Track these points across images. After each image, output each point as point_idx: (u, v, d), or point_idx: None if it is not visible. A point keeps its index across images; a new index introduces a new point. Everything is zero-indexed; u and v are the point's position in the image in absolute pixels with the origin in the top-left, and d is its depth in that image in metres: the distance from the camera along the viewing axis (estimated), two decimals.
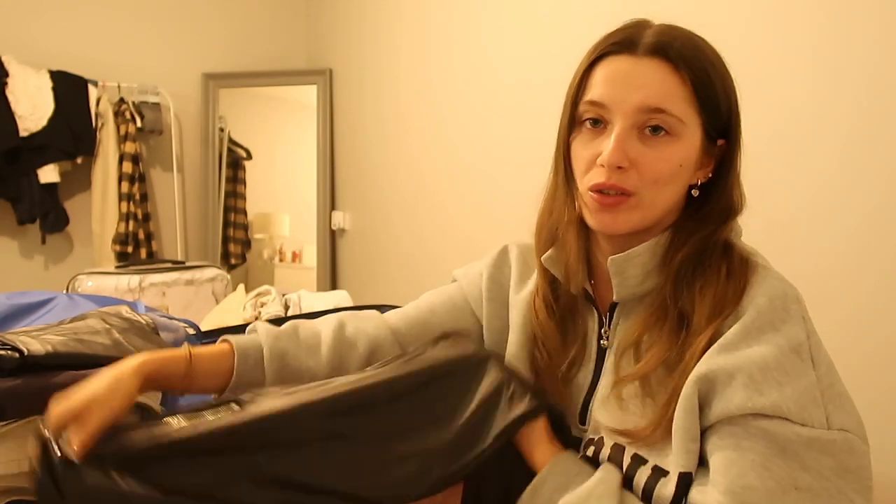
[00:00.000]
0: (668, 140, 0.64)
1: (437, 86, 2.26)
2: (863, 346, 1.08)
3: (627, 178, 0.64)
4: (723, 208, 0.67)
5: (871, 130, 1.06)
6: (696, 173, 0.68)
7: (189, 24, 2.99)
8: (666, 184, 0.65)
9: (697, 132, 0.65)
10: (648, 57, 0.64)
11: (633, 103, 0.63)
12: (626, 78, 0.64)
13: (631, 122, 0.64)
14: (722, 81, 0.66)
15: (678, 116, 0.63)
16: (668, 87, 0.63)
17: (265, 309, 1.64)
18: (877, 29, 1.05)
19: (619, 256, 0.67)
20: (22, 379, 0.74)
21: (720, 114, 0.66)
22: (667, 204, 0.67)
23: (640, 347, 0.66)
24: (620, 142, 0.63)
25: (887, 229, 1.05)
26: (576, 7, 1.64)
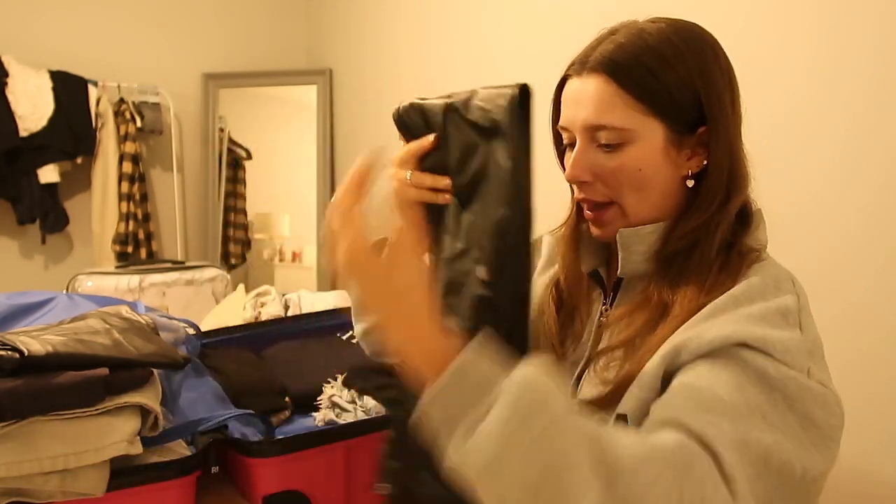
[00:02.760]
0: (620, 150, 0.66)
1: (437, 86, 2.25)
2: (860, 343, 1.08)
3: (595, 190, 0.68)
4: (714, 195, 0.67)
5: (869, 129, 1.06)
6: (686, 164, 0.67)
7: (189, 24, 2.99)
8: (636, 189, 0.67)
9: (656, 133, 0.65)
10: (589, 75, 0.66)
11: (579, 123, 0.67)
12: (574, 99, 0.68)
13: (586, 139, 0.67)
14: (675, 73, 0.64)
15: (621, 127, 0.65)
16: (605, 101, 0.65)
17: (265, 309, 1.64)
18: (876, 28, 1.05)
19: (629, 230, 0.69)
20: (22, 379, 0.74)
21: (681, 105, 0.65)
22: (654, 204, 0.68)
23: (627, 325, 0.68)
24: (577, 159, 0.67)
25: (885, 227, 1.05)
26: (576, 7, 1.64)
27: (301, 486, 0.97)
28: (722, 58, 0.68)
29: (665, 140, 0.66)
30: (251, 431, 1.03)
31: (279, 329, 1.48)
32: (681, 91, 0.65)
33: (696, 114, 0.66)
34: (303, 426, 1.16)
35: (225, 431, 0.96)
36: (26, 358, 0.74)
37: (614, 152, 0.66)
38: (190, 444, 0.93)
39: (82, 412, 0.77)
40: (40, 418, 0.75)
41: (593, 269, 0.76)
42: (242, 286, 1.91)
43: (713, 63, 0.66)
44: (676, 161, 0.67)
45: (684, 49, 0.65)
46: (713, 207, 0.66)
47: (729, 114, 0.67)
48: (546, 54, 1.74)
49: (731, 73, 0.68)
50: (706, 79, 0.65)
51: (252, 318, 1.63)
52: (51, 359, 0.76)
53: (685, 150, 0.67)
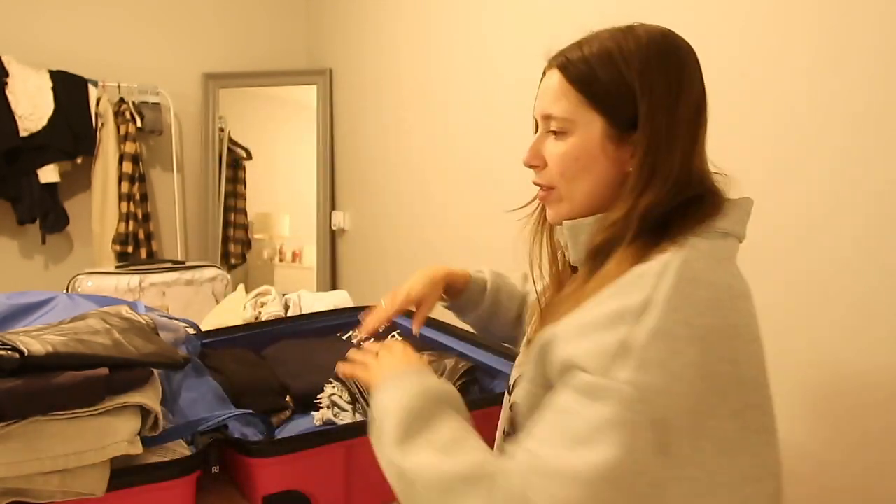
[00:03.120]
0: (562, 138, 0.72)
1: (437, 86, 2.26)
2: (863, 344, 1.08)
3: (542, 175, 0.76)
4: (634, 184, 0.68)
5: (871, 131, 1.06)
6: (629, 161, 0.70)
7: (189, 24, 2.99)
8: (573, 176, 0.72)
9: (595, 126, 0.70)
10: (550, 69, 0.74)
11: (537, 112, 0.75)
12: (539, 92, 0.76)
13: (543, 128, 0.75)
14: (618, 76, 0.68)
15: (563, 117, 0.71)
16: (554, 93, 0.72)
17: (265, 309, 1.64)
18: (877, 28, 1.05)
19: (571, 222, 0.74)
20: (22, 379, 0.74)
21: (621, 106, 0.68)
22: (587, 193, 0.73)
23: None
24: (532, 145, 0.76)
25: (887, 231, 1.05)
26: (576, 6, 1.64)
27: (301, 486, 0.97)
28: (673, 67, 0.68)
29: (603, 134, 0.70)
30: (251, 431, 1.03)
31: (279, 329, 1.48)
32: (619, 89, 0.68)
33: (631, 117, 0.68)
34: (303, 426, 1.16)
35: (225, 431, 0.96)
36: (26, 358, 0.74)
37: (560, 140, 0.72)
38: (190, 444, 0.93)
39: (82, 412, 0.77)
40: (40, 418, 0.75)
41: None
42: (242, 286, 1.91)
43: (658, 69, 0.67)
44: (614, 156, 0.70)
45: (633, 51, 0.68)
46: (628, 203, 0.68)
47: (662, 121, 0.67)
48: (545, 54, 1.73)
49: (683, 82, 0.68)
50: (645, 82, 0.67)
51: (252, 318, 1.63)
52: (51, 359, 0.76)
53: (626, 147, 0.70)
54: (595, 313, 0.61)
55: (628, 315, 0.58)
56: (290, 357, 1.36)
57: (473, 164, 2.08)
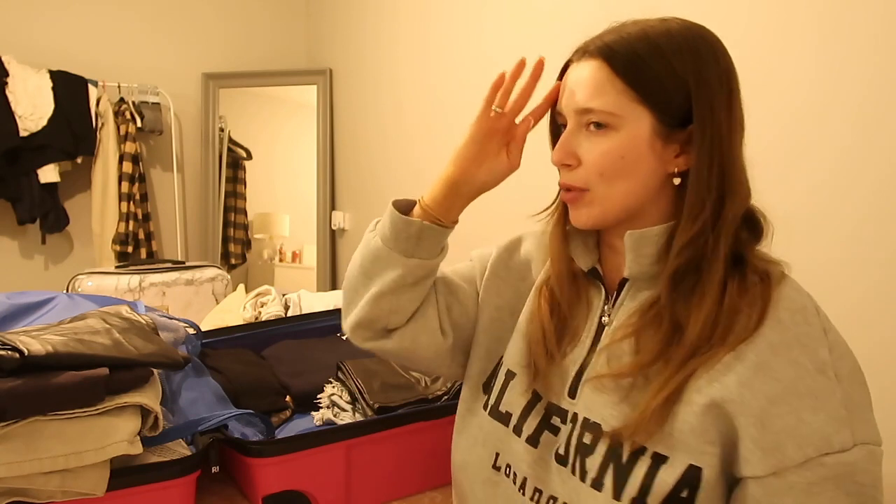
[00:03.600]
0: (605, 134, 0.66)
1: (437, 86, 2.26)
2: (862, 343, 1.08)
3: (575, 175, 0.68)
4: (700, 200, 0.64)
5: (871, 128, 1.06)
6: (674, 161, 0.66)
7: (189, 24, 2.99)
8: (613, 177, 0.66)
9: (643, 122, 0.65)
10: (586, 59, 0.67)
11: (572, 105, 0.68)
12: (570, 84, 0.69)
13: (576, 123, 0.68)
14: (669, 67, 0.64)
15: (608, 111, 0.65)
16: (597, 84, 0.65)
17: (265, 309, 1.64)
18: (877, 28, 1.05)
19: (636, 232, 0.68)
20: (22, 379, 0.74)
21: (672, 100, 0.64)
22: (626, 196, 0.67)
23: (639, 339, 0.67)
24: (562, 143, 0.68)
25: (887, 228, 1.05)
26: (577, 6, 1.64)
27: (301, 486, 0.97)
28: (722, 60, 0.66)
29: (652, 131, 0.65)
30: (251, 431, 1.03)
31: (279, 329, 1.48)
32: (672, 83, 0.64)
33: (687, 109, 0.65)
34: (303, 426, 1.16)
35: (225, 431, 0.96)
36: (26, 358, 0.74)
37: (601, 137, 0.66)
38: (190, 444, 0.93)
39: (82, 412, 0.77)
40: (40, 418, 0.75)
41: (591, 267, 0.75)
42: (242, 286, 1.91)
43: (710, 62, 0.65)
44: (662, 155, 0.66)
45: (682, 43, 0.65)
46: (705, 213, 0.64)
47: (721, 116, 0.65)
48: (546, 54, 1.73)
49: (731, 76, 0.67)
50: (699, 76, 0.64)
51: (252, 318, 1.63)
52: (51, 359, 0.76)
53: (673, 146, 0.66)
54: (798, 379, 0.58)
55: (828, 370, 0.59)
56: (290, 357, 1.36)
57: None
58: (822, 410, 0.58)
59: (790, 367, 0.59)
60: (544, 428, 0.74)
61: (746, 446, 0.58)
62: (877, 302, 1.06)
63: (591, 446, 0.67)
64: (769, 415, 0.58)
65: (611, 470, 0.64)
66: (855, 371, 0.62)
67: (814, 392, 0.58)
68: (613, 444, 0.65)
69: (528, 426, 0.74)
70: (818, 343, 0.60)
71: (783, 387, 0.58)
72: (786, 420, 0.57)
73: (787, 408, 0.58)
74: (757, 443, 0.58)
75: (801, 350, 0.60)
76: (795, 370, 0.59)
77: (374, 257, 0.81)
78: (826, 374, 0.59)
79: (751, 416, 0.58)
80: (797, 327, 0.61)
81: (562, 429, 0.72)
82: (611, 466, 0.64)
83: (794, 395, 0.58)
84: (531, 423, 0.74)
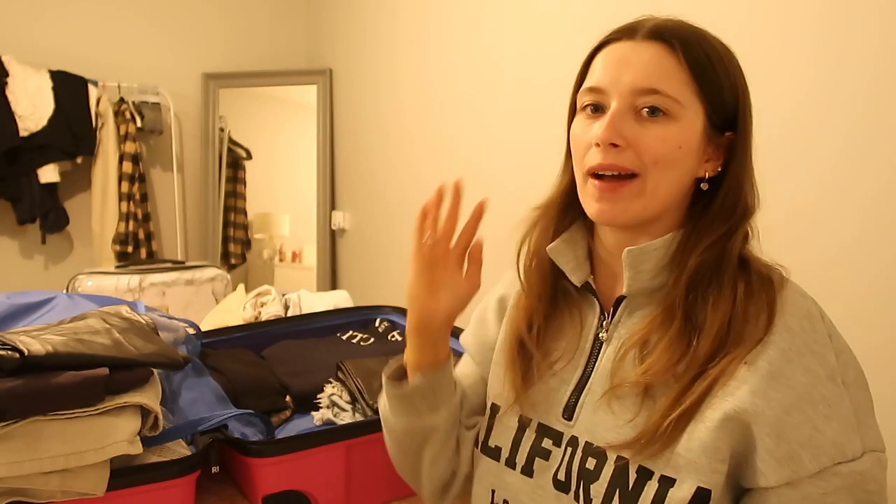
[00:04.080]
0: (665, 121, 0.62)
1: (437, 86, 2.26)
2: (862, 344, 1.07)
3: (625, 156, 0.63)
4: (733, 205, 0.65)
5: (870, 130, 1.06)
6: (704, 165, 0.66)
7: (189, 24, 2.99)
8: (667, 167, 0.63)
9: (699, 117, 0.64)
10: (646, 41, 0.63)
11: (627, 83, 0.63)
12: (621, 60, 0.64)
13: (627, 104, 0.63)
14: (726, 71, 0.64)
15: (674, 97, 0.62)
16: (663, 67, 0.62)
17: (265, 309, 1.64)
18: (878, 27, 1.05)
19: (636, 248, 0.65)
20: (22, 379, 0.74)
21: (724, 103, 0.64)
22: (670, 192, 0.64)
23: (645, 349, 0.64)
24: (614, 119, 0.62)
25: (886, 229, 1.05)
26: (577, 6, 1.64)
27: (301, 486, 0.97)
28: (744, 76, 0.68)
29: (704, 128, 0.64)
30: (251, 431, 1.03)
31: (279, 329, 1.48)
32: (728, 89, 0.65)
33: (730, 116, 0.65)
34: (303, 426, 1.16)
35: (225, 431, 0.96)
36: (26, 358, 0.74)
37: (656, 123, 0.62)
38: (190, 444, 0.93)
39: (82, 412, 0.77)
40: (41, 418, 0.75)
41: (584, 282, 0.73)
42: (242, 286, 1.91)
43: (743, 77, 0.67)
44: (702, 156, 0.65)
45: (728, 53, 0.66)
46: (735, 217, 0.64)
47: (751, 128, 0.67)
48: (546, 54, 1.74)
49: None
50: (744, 88, 0.66)
51: (252, 318, 1.63)
52: (51, 359, 0.76)
53: (710, 148, 0.65)
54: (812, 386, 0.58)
55: (836, 377, 0.59)
56: (290, 357, 1.36)
57: (473, 164, 2.08)
58: (835, 419, 0.57)
59: (803, 374, 0.58)
60: (535, 454, 0.71)
61: (762, 458, 0.57)
62: (877, 302, 1.06)
63: (594, 472, 0.65)
64: (785, 424, 0.57)
65: (617, 496, 0.62)
66: (859, 377, 0.62)
67: (826, 400, 0.58)
68: (619, 468, 0.63)
69: (521, 456, 0.72)
70: (826, 349, 0.60)
71: (797, 394, 0.57)
72: (801, 430, 0.57)
73: (803, 416, 0.57)
74: (772, 453, 0.57)
75: (811, 357, 0.59)
76: (808, 377, 0.58)
77: (409, 434, 0.78)
78: (835, 381, 0.59)
79: (766, 426, 0.57)
80: (806, 334, 0.60)
81: (553, 452, 0.69)
82: (617, 493, 0.62)
83: (809, 402, 0.57)
84: (523, 453, 0.72)
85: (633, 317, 0.68)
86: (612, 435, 0.64)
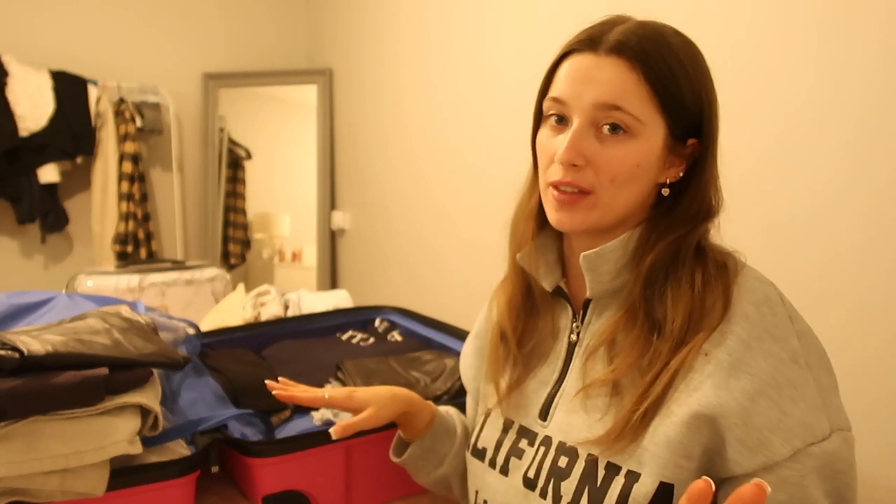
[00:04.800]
0: (625, 139, 0.63)
1: (437, 85, 2.26)
2: (863, 346, 1.08)
3: (583, 176, 0.64)
4: (696, 210, 0.66)
5: (871, 132, 1.06)
6: (666, 172, 0.67)
7: (189, 24, 2.99)
8: (623, 184, 0.64)
9: (659, 131, 0.64)
10: (608, 55, 0.63)
11: (588, 100, 0.63)
12: (584, 75, 0.64)
13: (588, 120, 0.64)
14: (690, 80, 0.64)
15: (635, 115, 0.63)
16: (625, 84, 0.62)
17: (265, 309, 1.64)
18: (878, 30, 1.05)
19: (591, 253, 0.67)
20: (22, 379, 0.74)
21: (687, 113, 0.65)
22: (627, 204, 0.66)
23: (612, 349, 0.66)
24: (575, 140, 0.64)
25: (888, 231, 1.05)
26: (577, 6, 1.64)
27: (301, 486, 0.97)
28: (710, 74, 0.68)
29: (664, 142, 0.65)
30: (251, 431, 1.03)
31: (279, 329, 1.48)
32: (691, 98, 0.65)
33: (693, 125, 0.66)
34: (303, 426, 1.16)
35: (225, 431, 0.96)
36: (26, 358, 0.74)
37: (617, 141, 0.63)
38: (190, 444, 0.93)
39: (82, 412, 0.77)
40: (41, 418, 0.75)
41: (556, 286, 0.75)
42: (242, 286, 1.91)
43: (710, 79, 0.67)
44: (662, 166, 0.66)
45: (699, 60, 0.66)
46: (694, 222, 0.66)
47: (716, 133, 0.67)
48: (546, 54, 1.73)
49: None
50: (709, 93, 0.66)
51: (252, 318, 1.63)
52: (51, 359, 0.76)
53: (671, 158, 0.67)
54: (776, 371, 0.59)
55: (800, 359, 0.60)
56: (290, 357, 1.36)
57: (473, 164, 2.08)
58: (802, 400, 0.58)
59: (765, 360, 0.59)
60: (511, 454, 0.73)
61: (734, 447, 0.58)
62: (878, 305, 1.06)
63: (566, 469, 0.66)
64: (751, 412, 0.57)
65: (586, 493, 0.63)
66: (822, 357, 0.62)
67: (792, 382, 0.58)
68: (589, 464, 0.64)
69: (500, 457, 0.74)
70: (788, 333, 0.60)
71: (761, 381, 0.58)
72: (769, 415, 0.57)
73: (769, 402, 0.58)
74: (744, 443, 0.57)
75: (773, 342, 0.59)
76: (771, 362, 0.59)
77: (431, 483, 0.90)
78: (799, 363, 0.59)
79: (733, 417, 0.58)
80: (765, 319, 0.60)
81: (526, 451, 0.71)
82: (586, 489, 0.63)
83: (774, 387, 0.58)
84: (502, 454, 0.74)
85: (602, 317, 0.70)
86: (584, 433, 0.66)
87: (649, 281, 0.65)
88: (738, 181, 1.25)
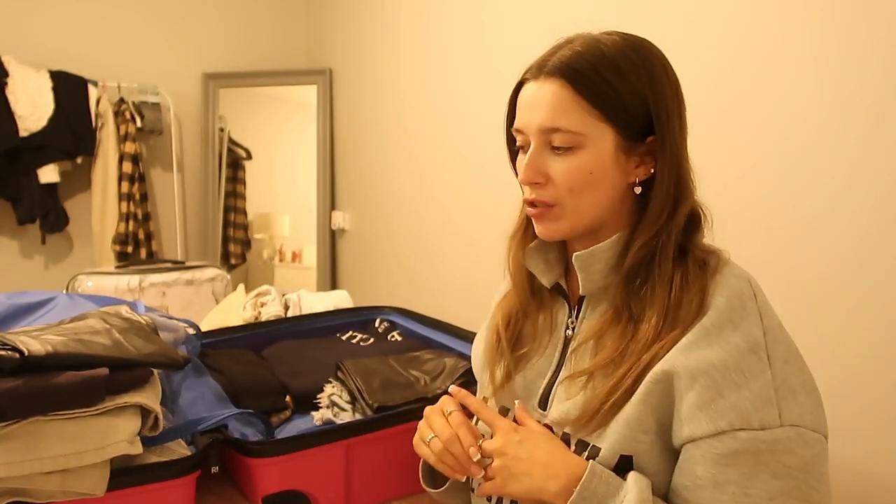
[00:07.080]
0: (571, 154, 0.69)
1: (437, 85, 2.26)
2: (863, 347, 1.08)
3: (545, 191, 0.71)
4: (662, 204, 0.69)
5: (871, 133, 1.07)
6: (634, 172, 0.70)
7: (189, 24, 2.99)
8: (582, 192, 0.69)
9: (607, 138, 0.68)
10: (546, 79, 0.69)
11: (535, 125, 0.70)
12: (530, 102, 0.71)
13: (540, 142, 0.70)
14: (629, 85, 0.67)
15: (575, 131, 0.67)
16: (560, 105, 0.68)
17: (265, 309, 1.65)
18: (878, 30, 1.05)
19: (584, 253, 0.72)
20: (22, 379, 0.74)
21: (633, 114, 0.68)
22: (595, 208, 0.71)
23: (599, 344, 0.71)
24: (531, 162, 0.70)
25: (887, 232, 1.05)
26: (577, 7, 1.64)
27: (301, 486, 0.97)
28: (670, 73, 0.71)
29: (615, 146, 0.69)
30: (251, 431, 1.03)
31: (279, 329, 1.48)
32: (632, 100, 0.68)
33: (646, 123, 0.69)
34: (303, 426, 1.16)
35: (225, 431, 0.96)
36: (26, 358, 0.74)
37: (566, 155, 0.69)
38: (190, 444, 0.93)
39: (82, 412, 0.77)
40: (41, 418, 0.75)
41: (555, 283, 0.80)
42: (242, 286, 1.91)
43: (663, 77, 0.69)
44: (625, 167, 0.70)
45: (637, 62, 0.68)
46: (663, 217, 0.69)
47: (675, 126, 0.70)
48: None
49: (679, 88, 0.71)
50: (656, 91, 0.68)
51: (252, 318, 1.63)
52: (51, 359, 0.76)
53: (633, 158, 0.70)
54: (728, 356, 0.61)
55: (760, 351, 0.62)
56: (290, 357, 1.36)
57: (473, 164, 2.08)
58: (747, 388, 0.60)
59: (721, 346, 0.62)
60: None
61: (678, 417, 0.63)
62: (878, 305, 1.06)
63: None
64: (689, 389, 0.62)
65: None
66: (792, 356, 0.64)
67: (742, 370, 0.61)
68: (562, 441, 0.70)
69: None
70: (752, 325, 0.63)
71: (708, 362, 0.61)
72: (703, 395, 0.61)
73: (708, 382, 0.61)
74: (680, 414, 0.62)
75: (733, 330, 0.63)
76: (726, 348, 0.62)
77: None
78: (758, 354, 0.62)
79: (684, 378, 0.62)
80: (732, 311, 0.64)
81: None
82: None
83: (719, 370, 0.61)
84: None
85: (595, 313, 0.75)
86: (558, 414, 0.72)
87: (629, 280, 0.70)
88: (738, 181, 1.26)
